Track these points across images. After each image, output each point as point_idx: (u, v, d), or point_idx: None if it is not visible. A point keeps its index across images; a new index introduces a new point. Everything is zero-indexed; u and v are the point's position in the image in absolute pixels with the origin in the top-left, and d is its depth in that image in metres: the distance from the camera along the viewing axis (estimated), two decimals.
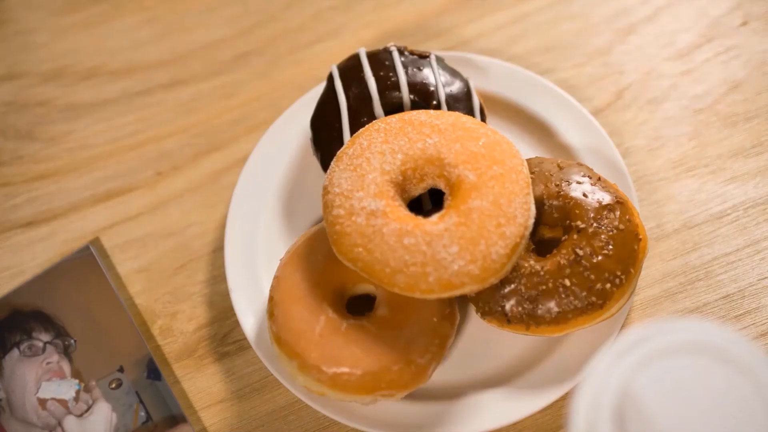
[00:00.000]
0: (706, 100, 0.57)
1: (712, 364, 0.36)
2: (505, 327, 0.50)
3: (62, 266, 0.58)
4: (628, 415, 0.35)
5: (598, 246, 0.49)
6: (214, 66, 0.62)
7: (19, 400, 0.55)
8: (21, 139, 0.61)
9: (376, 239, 0.47)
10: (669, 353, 0.36)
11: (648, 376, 0.36)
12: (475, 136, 0.49)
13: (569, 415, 0.36)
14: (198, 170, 0.59)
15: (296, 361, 0.49)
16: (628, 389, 0.35)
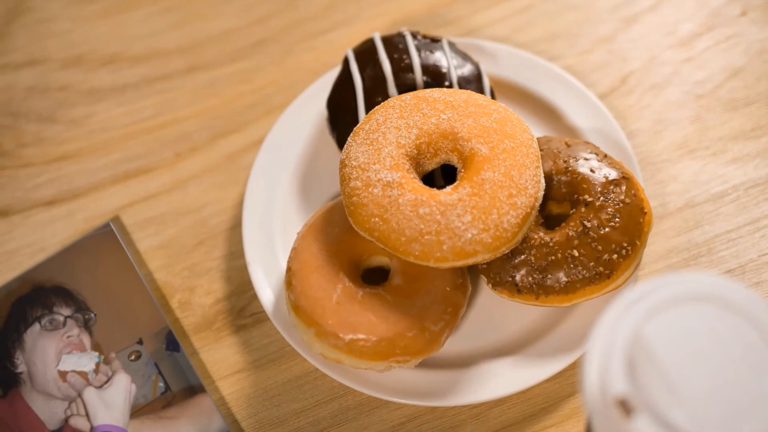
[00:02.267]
0: (707, 86, 0.59)
1: (719, 312, 0.37)
2: (515, 297, 0.52)
3: (83, 243, 0.59)
4: (639, 362, 0.37)
5: (605, 218, 0.51)
6: (230, 53, 0.64)
7: (40, 373, 0.57)
8: (43, 122, 0.63)
9: (392, 209, 0.49)
10: (677, 303, 0.38)
11: (657, 324, 0.37)
12: (487, 112, 0.51)
13: (582, 362, 0.38)
14: (215, 151, 0.61)
15: (313, 328, 0.51)
16: (638, 337, 0.37)
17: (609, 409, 0.36)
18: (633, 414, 0.36)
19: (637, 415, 0.36)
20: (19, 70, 0.65)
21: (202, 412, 0.54)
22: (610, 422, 0.37)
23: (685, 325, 0.37)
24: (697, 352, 0.37)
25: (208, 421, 0.54)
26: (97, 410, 0.55)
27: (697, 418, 0.36)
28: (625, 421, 0.36)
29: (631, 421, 0.36)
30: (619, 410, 0.36)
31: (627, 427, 0.36)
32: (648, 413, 0.36)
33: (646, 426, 0.36)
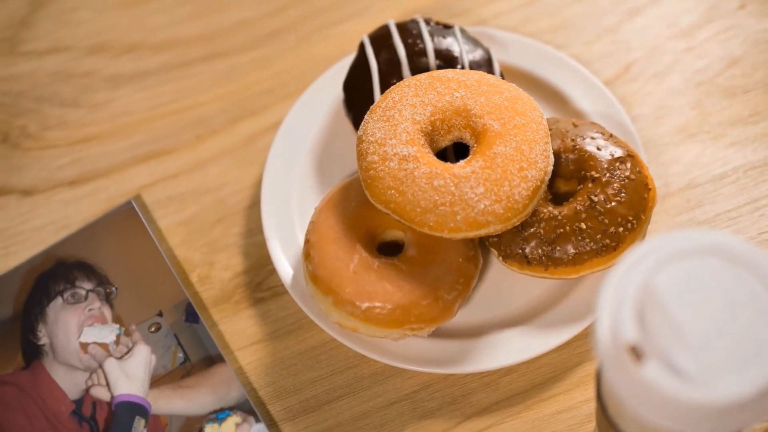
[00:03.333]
0: (707, 74, 0.62)
1: (724, 264, 0.39)
2: (525, 269, 0.54)
3: (105, 220, 0.61)
4: (648, 311, 0.39)
5: (612, 193, 0.53)
6: (247, 42, 0.66)
7: (62, 345, 0.58)
8: (66, 106, 0.65)
9: (407, 182, 0.51)
10: (684, 256, 0.40)
11: (665, 275, 0.39)
12: (498, 91, 0.54)
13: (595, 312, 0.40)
14: (234, 134, 0.63)
15: (331, 297, 0.53)
16: (648, 288, 0.39)
17: (620, 355, 0.38)
18: (643, 359, 0.38)
19: (647, 360, 0.38)
20: (43, 57, 0.67)
21: (220, 382, 0.56)
22: (621, 368, 0.39)
23: (692, 277, 0.39)
24: (703, 301, 0.39)
25: (226, 389, 0.56)
26: (117, 380, 0.57)
27: (704, 363, 0.38)
28: (636, 366, 0.38)
29: (642, 366, 0.38)
30: (630, 356, 0.38)
31: (637, 371, 0.38)
32: (657, 359, 0.38)
33: (655, 370, 0.37)
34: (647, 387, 0.38)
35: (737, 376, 0.37)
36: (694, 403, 0.37)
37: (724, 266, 0.40)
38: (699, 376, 0.38)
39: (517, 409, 0.53)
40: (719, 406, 0.37)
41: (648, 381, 0.38)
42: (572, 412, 0.53)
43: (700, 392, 0.37)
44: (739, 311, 0.39)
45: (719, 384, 0.37)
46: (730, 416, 0.38)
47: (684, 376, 0.38)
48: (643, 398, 0.39)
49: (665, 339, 0.38)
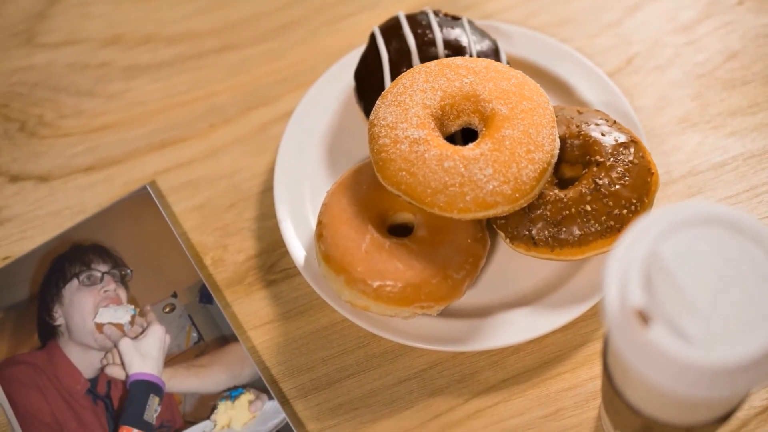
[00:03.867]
0: (706, 67, 0.64)
1: (728, 233, 0.41)
2: (531, 250, 0.56)
3: (120, 205, 0.63)
4: (655, 278, 0.40)
5: (616, 177, 0.55)
6: (259, 35, 0.68)
7: (78, 325, 0.59)
8: (82, 96, 0.67)
9: (418, 163, 0.53)
10: (689, 225, 0.41)
11: (671, 244, 0.41)
12: (506, 77, 0.55)
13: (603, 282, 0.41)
14: (247, 123, 0.64)
15: (343, 276, 0.54)
16: (654, 255, 0.41)
17: (628, 319, 0.40)
18: (650, 323, 0.39)
19: (653, 324, 0.39)
20: (59, 49, 0.69)
21: (234, 360, 0.57)
22: (629, 332, 0.40)
23: (697, 245, 0.41)
24: (708, 269, 0.40)
25: (240, 368, 0.57)
26: (132, 359, 0.58)
27: (709, 327, 0.39)
28: (643, 329, 0.39)
29: (648, 329, 0.39)
30: (637, 320, 0.39)
31: (644, 334, 0.39)
32: (663, 322, 0.39)
33: (661, 333, 0.39)
34: (654, 349, 0.39)
35: (741, 339, 0.39)
36: (698, 365, 0.39)
37: (727, 235, 0.41)
38: (704, 339, 0.39)
39: (523, 387, 0.55)
40: (723, 368, 0.38)
41: (654, 343, 0.39)
42: (577, 389, 0.54)
43: (705, 354, 0.39)
44: (741, 278, 0.40)
45: (723, 346, 0.39)
46: (735, 378, 0.39)
47: (689, 339, 0.39)
48: (649, 361, 0.40)
49: (671, 304, 0.40)
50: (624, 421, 0.49)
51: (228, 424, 0.56)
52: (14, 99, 0.67)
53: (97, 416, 0.57)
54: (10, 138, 0.65)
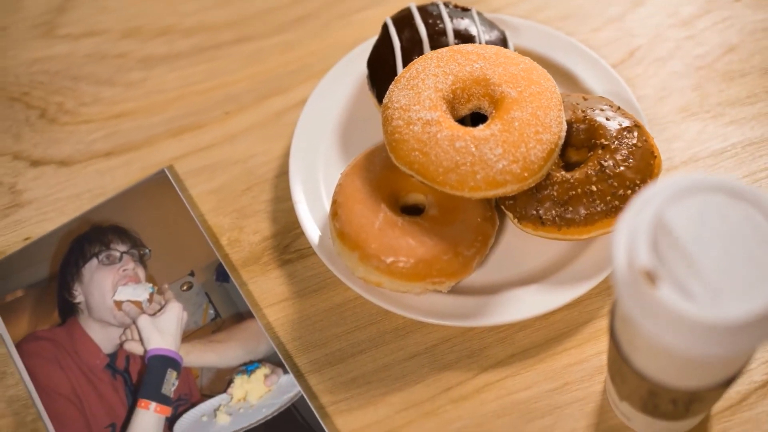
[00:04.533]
0: (706, 59, 0.66)
1: (729, 200, 0.43)
2: (539, 230, 0.58)
3: (139, 187, 0.64)
4: (661, 242, 0.42)
5: (620, 159, 0.57)
6: (274, 27, 0.70)
7: (97, 303, 0.61)
8: (101, 85, 0.69)
9: (430, 143, 0.55)
10: (692, 192, 0.43)
11: (676, 209, 0.43)
12: (515, 62, 0.57)
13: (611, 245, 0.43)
14: (262, 110, 0.66)
15: (357, 252, 0.56)
16: (660, 220, 0.43)
17: (636, 279, 0.42)
18: (657, 282, 0.41)
19: (660, 283, 0.41)
20: (79, 40, 0.71)
21: (250, 336, 0.59)
22: (637, 291, 0.42)
23: (701, 211, 0.43)
24: (711, 233, 0.42)
25: (255, 343, 0.59)
26: (150, 335, 0.60)
27: (713, 288, 0.41)
28: (651, 288, 0.41)
29: (656, 289, 0.41)
30: (645, 280, 0.41)
31: (652, 294, 0.41)
32: (670, 283, 0.41)
33: (668, 292, 0.41)
34: (661, 308, 0.41)
35: (744, 297, 0.41)
36: (705, 321, 0.40)
37: (729, 201, 0.43)
38: (709, 298, 0.41)
39: (531, 362, 0.57)
40: (730, 323, 0.40)
41: (662, 302, 0.41)
42: (583, 364, 0.56)
43: (712, 310, 0.40)
44: (743, 241, 0.42)
45: (727, 305, 0.41)
46: (740, 334, 0.41)
47: (695, 298, 0.41)
48: (657, 320, 0.42)
49: (677, 266, 0.42)
50: (630, 389, 0.50)
51: (244, 398, 0.57)
52: (35, 87, 0.69)
53: (115, 390, 0.58)
54: (31, 125, 0.67)
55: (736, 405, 0.55)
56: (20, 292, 0.62)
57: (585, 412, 0.55)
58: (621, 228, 0.43)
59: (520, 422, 0.55)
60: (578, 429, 0.55)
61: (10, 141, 0.67)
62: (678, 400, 0.48)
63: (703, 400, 0.49)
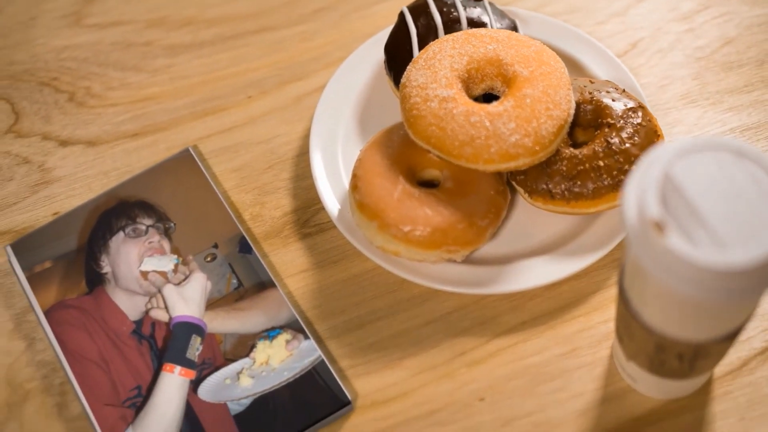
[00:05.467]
0: (705, 51, 0.69)
1: (731, 157, 0.46)
2: (548, 204, 0.60)
3: (164, 165, 0.67)
4: (669, 196, 0.45)
5: (626, 137, 0.60)
6: (294, 18, 0.73)
7: (124, 273, 0.63)
8: (127, 71, 0.72)
9: (447, 118, 0.58)
10: (697, 151, 0.46)
11: (682, 165, 0.46)
12: (526, 45, 0.61)
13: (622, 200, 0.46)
14: (283, 95, 0.69)
15: (376, 222, 0.59)
16: (668, 176, 0.45)
17: (646, 230, 0.45)
18: (666, 231, 0.44)
19: (669, 233, 0.44)
20: (105, 30, 0.74)
21: (271, 304, 0.61)
22: (647, 241, 0.45)
23: (706, 167, 0.46)
24: (716, 187, 0.45)
25: (277, 311, 0.61)
26: (175, 303, 0.62)
27: (718, 236, 0.44)
28: (660, 237, 0.44)
29: (665, 237, 0.44)
30: (655, 230, 0.44)
31: (661, 242, 0.44)
32: (678, 232, 0.44)
33: (676, 240, 0.44)
34: (670, 255, 0.44)
35: (747, 245, 0.44)
36: (709, 267, 0.43)
37: (734, 159, 0.46)
38: (714, 246, 0.44)
39: (541, 328, 0.59)
40: (731, 270, 0.43)
41: (670, 249, 0.44)
42: (591, 331, 0.59)
43: (715, 257, 0.43)
44: (747, 196, 0.45)
45: (731, 251, 0.43)
46: (741, 280, 0.44)
47: (701, 246, 0.44)
48: (666, 267, 0.45)
49: (684, 217, 0.45)
50: (638, 347, 0.53)
51: (266, 361, 0.59)
52: (64, 73, 0.72)
53: (141, 354, 0.60)
54: (60, 107, 0.70)
55: (737, 370, 0.57)
56: (49, 263, 0.64)
57: (593, 375, 0.58)
58: (631, 184, 0.46)
59: (531, 384, 0.57)
60: (586, 391, 0.57)
61: (39, 123, 0.70)
62: (684, 355, 0.51)
63: (708, 356, 0.51)
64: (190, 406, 0.58)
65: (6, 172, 0.68)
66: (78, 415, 0.59)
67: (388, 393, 0.58)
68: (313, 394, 0.58)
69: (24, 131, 0.70)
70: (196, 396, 0.59)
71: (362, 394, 0.58)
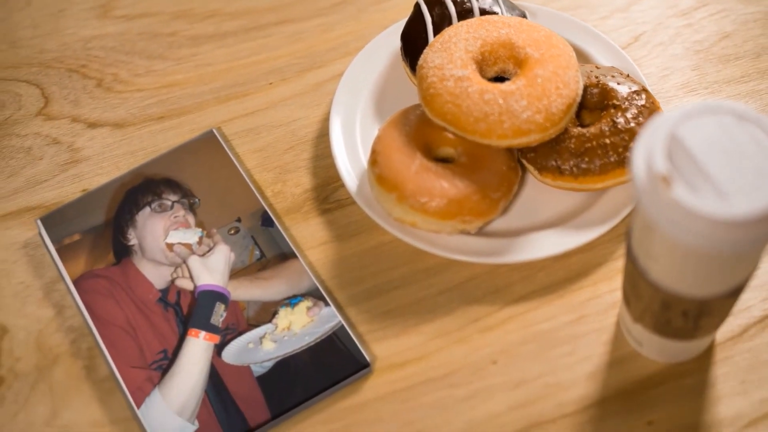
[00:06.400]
0: (704, 45, 0.73)
1: (733, 120, 0.49)
2: (557, 179, 0.64)
3: (189, 145, 0.70)
4: (675, 153, 0.48)
5: (631, 117, 0.63)
6: (313, 11, 0.77)
7: (150, 245, 0.66)
8: (153, 59, 0.75)
9: (462, 96, 0.61)
10: (701, 113, 0.49)
11: (688, 126, 0.49)
12: (537, 29, 0.64)
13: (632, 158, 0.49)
14: (302, 81, 0.73)
15: (395, 194, 0.62)
16: (674, 136, 0.49)
17: (654, 184, 0.48)
18: (672, 185, 0.47)
19: (675, 186, 0.47)
20: (132, 21, 0.77)
21: (293, 273, 0.64)
22: (655, 195, 0.48)
23: (710, 128, 0.49)
24: (719, 146, 0.48)
25: (298, 280, 0.64)
26: (200, 273, 0.65)
27: (721, 190, 0.47)
28: (667, 190, 0.47)
29: (671, 190, 0.47)
30: (662, 183, 0.47)
31: (668, 194, 0.47)
32: (683, 185, 0.47)
33: (682, 192, 0.47)
34: (676, 206, 0.47)
35: (748, 198, 0.47)
36: (714, 217, 0.46)
37: (736, 122, 0.49)
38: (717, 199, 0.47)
39: (550, 297, 0.62)
40: (734, 220, 0.46)
41: (677, 200, 0.47)
42: (598, 300, 0.62)
43: (719, 207, 0.46)
44: (748, 155, 0.48)
45: (734, 203, 0.46)
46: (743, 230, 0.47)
47: (705, 198, 0.47)
48: (672, 219, 0.48)
49: (689, 172, 0.48)
50: (644, 306, 0.56)
51: (288, 327, 0.62)
52: (92, 61, 0.75)
53: (167, 320, 0.63)
54: (88, 92, 0.73)
55: (737, 336, 0.60)
56: (78, 236, 0.67)
57: (600, 341, 0.60)
58: (640, 143, 0.49)
59: (541, 349, 0.60)
60: (594, 355, 0.60)
61: (68, 106, 0.73)
62: (688, 312, 0.54)
63: (711, 313, 0.54)
64: (215, 368, 0.61)
65: (36, 151, 0.71)
66: (106, 376, 0.61)
67: (405, 356, 0.60)
68: (333, 356, 0.60)
69: (53, 114, 0.73)
70: (220, 359, 0.61)
71: (380, 357, 0.60)
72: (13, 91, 0.74)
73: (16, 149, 0.71)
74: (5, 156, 0.71)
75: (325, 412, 0.59)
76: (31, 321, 0.64)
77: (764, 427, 0.57)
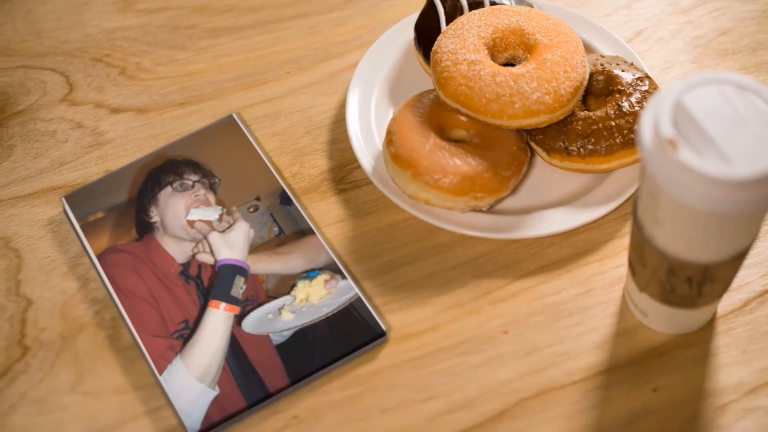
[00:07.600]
0: (703, 40, 0.77)
1: (735, 90, 0.52)
2: (565, 160, 0.66)
3: (209, 129, 0.73)
4: (680, 120, 0.51)
5: (635, 101, 0.66)
6: (328, 6, 0.80)
7: (171, 222, 0.68)
8: (174, 49, 0.78)
9: (475, 79, 0.64)
10: (705, 83, 0.52)
11: (692, 95, 0.52)
12: (546, 18, 0.68)
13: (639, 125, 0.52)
14: (319, 71, 0.76)
15: (410, 171, 0.64)
16: (678, 104, 0.51)
17: (660, 148, 0.50)
18: (678, 148, 0.50)
19: (680, 149, 0.50)
20: (153, 14, 0.80)
21: (311, 248, 0.66)
22: (661, 158, 0.50)
23: (713, 97, 0.52)
24: (722, 114, 0.51)
25: (316, 254, 0.66)
26: (220, 248, 0.67)
27: (724, 153, 0.50)
28: (673, 153, 0.50)
29: (677, 153, 0.50)
30: (668, 146, 0.50)
31: (674, 157, 0.50)
32: (689, 148, 0.50)
33: (688, 155, 0.49)
34: (682, 168, 0.50)
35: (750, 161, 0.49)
36: (717, 178, 0.49)
37: (738, 91, 0.52)
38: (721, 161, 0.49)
39: (558, 272, 0.64)
40: (737, 180, 0.49)
41: (682, 163, 0.50)
42: (604, 275, 0.64)
43: (723, 169, 0.49)
44: (749, 122, 0.51)
45: (737, 165, 0.49)
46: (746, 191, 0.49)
47: (709, 161, 0.50)
48: (678, 181, 0.50)
49: (694, 137, 0.51)
50: (650, 274, 0.58)
51: (306, 298, 0.64)
52: (115, 51, 0.78)
53: (188, 292, 0.65)
54: (111, 80, 0.76)
55: (738, 309, 0.63)
56: (101, 213, 0.69)
57: (607, 313, 0.63)
58: (646, 112, 0.52)
59: (550, 320, 0.62)
60: (601, 326, 0.62)
61: (92, 93, 0.75)
62: (693, 278, 0.56)
63: (714, 279, 0.57)
64: (235, 337, 0.63)
65: (61, 135, 0.73)
66: (128, 345, 0.63)
67: (419, 326, 0.63)
68: (350, 326, 0.63)
69: (78, 100, 0.75)
70: (240, 329, 0.63)
71: (395, 327, 0.63)
72: (38, 79, 0.77)
73: (41, 133, 0.74)
74: (30, 139, 0.73)
75: (343, 379, 0.61)
76: (55, 293, 0.66)
77: (765, 393, 0.59)
